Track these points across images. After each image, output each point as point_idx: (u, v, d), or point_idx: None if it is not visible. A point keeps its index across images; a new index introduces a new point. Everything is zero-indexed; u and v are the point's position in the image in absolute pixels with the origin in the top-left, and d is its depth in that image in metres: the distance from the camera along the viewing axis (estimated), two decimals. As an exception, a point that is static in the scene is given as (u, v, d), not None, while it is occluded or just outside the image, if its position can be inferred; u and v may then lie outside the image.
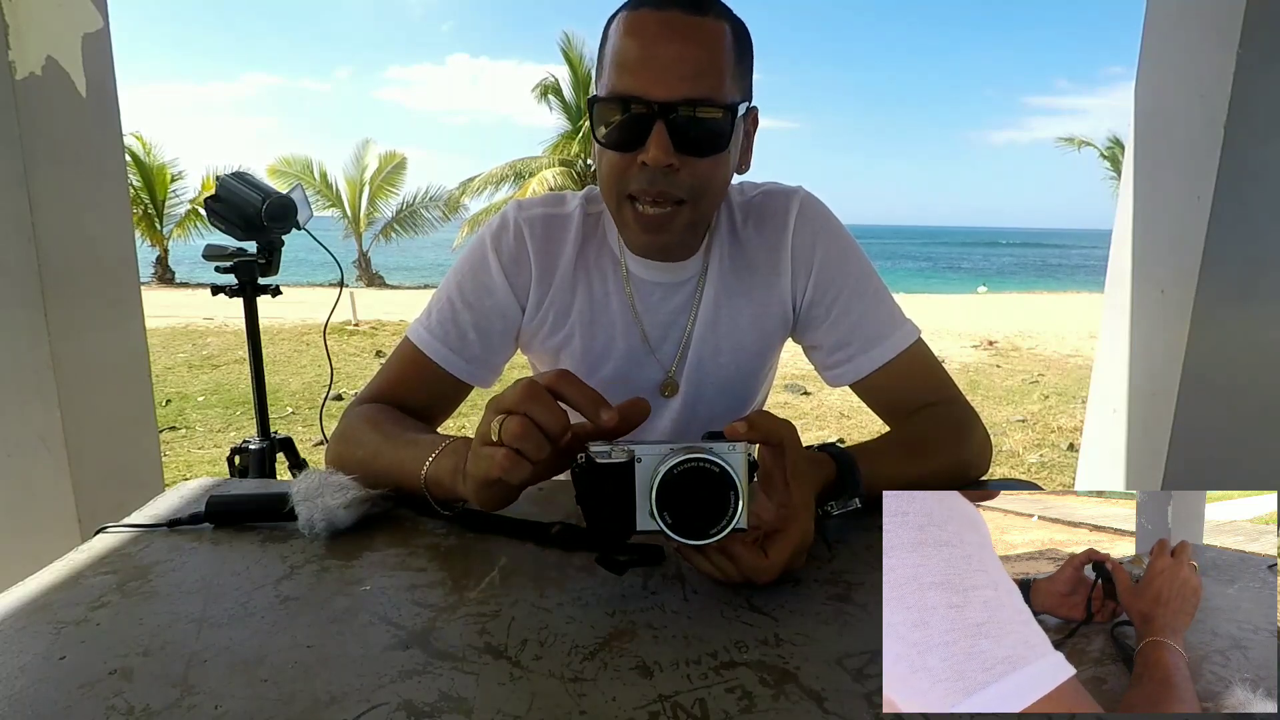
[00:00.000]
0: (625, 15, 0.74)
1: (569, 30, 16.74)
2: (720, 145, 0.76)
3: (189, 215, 17.10)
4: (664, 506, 0.51)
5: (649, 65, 0.72)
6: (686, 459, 0.51)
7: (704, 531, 0.52)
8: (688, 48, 0.72)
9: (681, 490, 0.51)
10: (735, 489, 0.51)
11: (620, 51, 0.73)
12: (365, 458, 0.73)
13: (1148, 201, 1.70)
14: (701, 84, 0.72)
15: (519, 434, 0.53)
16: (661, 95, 0.71)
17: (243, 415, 4.61)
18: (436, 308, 0.88)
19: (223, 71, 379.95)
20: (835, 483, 0.67)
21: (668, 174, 0.74)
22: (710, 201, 0.81)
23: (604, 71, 0.76)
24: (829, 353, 0.90)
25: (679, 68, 0.72)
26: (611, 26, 0.76)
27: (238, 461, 1.83)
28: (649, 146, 0.73)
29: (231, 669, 0.47)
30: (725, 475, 0.51)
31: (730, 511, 0.51)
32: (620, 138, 0.75)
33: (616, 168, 0.76)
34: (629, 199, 0.78)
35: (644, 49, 0.72)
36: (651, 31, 0.72)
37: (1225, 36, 1.43)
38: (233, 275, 1.78)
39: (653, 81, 0.72)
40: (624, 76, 0.73)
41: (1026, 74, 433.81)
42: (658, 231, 0.79)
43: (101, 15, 1.45)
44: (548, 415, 0.53)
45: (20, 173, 1.30)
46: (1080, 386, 5.60)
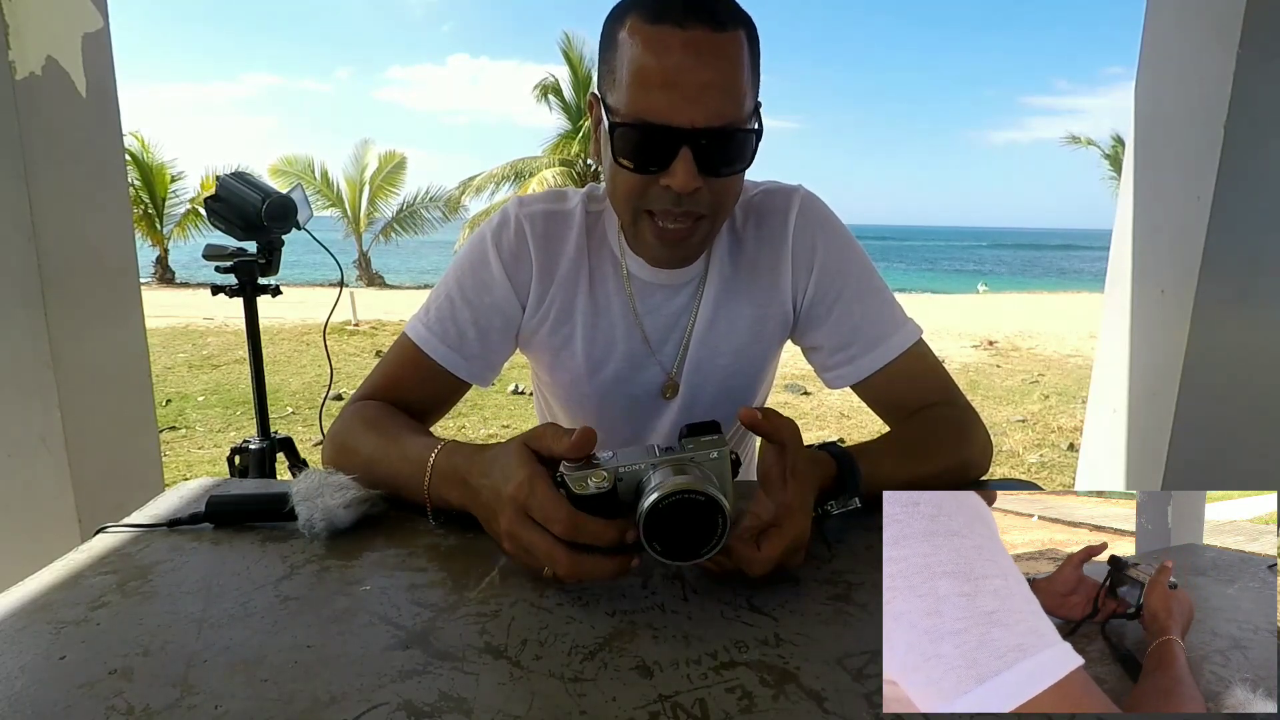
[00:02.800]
0: (644, 28, 0.69)
1: (569, 30, 16.74)
2: (743, 163, 0.75)
3: (189, 215, 17.09)
4: (653, 537, 0.52)
5: (674, 90, 0.68)
6: (674, 494, 0.50)
7: (695, 553, 0.53)
8: (713, 72, 0.69)
9: (670, 521, 0.51)
10: (723, 513, 0.51)
11: (641, 70, 0.69)
12: (360, 465, 0.73)
13: (1148, 201, 1.70)
14: (727, 108, 0.70)
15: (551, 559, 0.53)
16: (688, 122, 0.69)
17: (243, 415, 4.61)
18: (435, 304, 0.88)
19: (224, 71, 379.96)
20: (835, 482, 0.67)
21: (691, 196, 0.73)
22: (727, 212, 0.80)
23: (619, 83, 0.72)
24: (830, 354, 0.90)
25: (707, 95, 0.69)
26: (624, 31, 0.71)
27: (238, 461, 1.83)
28: (675, 172, 0.71)
29: (231, 669, 0.47)
30: (711, 502, 0.51)
31: (719, 532, 0.52)
32: (642, 160, 0.73)
33: (636, 188, 0.75)
34: (646, 214, 0.77)
35: (668, 72, 0.68)
36: (676, 53, 0.68)
37: (1225, 36, 1.43)
38: (233, 275, 1.78)
39: (679, 108, 0.69)
40: (647, 98, 0.69)
41: (1026, 74, 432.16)
42: (676, 246, 0.78)
43: (101, 15, 1.45)
44: (554, 529, 0.53)
45: (20, 173, 1.29)
46: (1080, 386, 5.60)
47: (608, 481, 0.53)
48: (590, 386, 0.91)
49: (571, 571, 0.53)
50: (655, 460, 0.54)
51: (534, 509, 0.54)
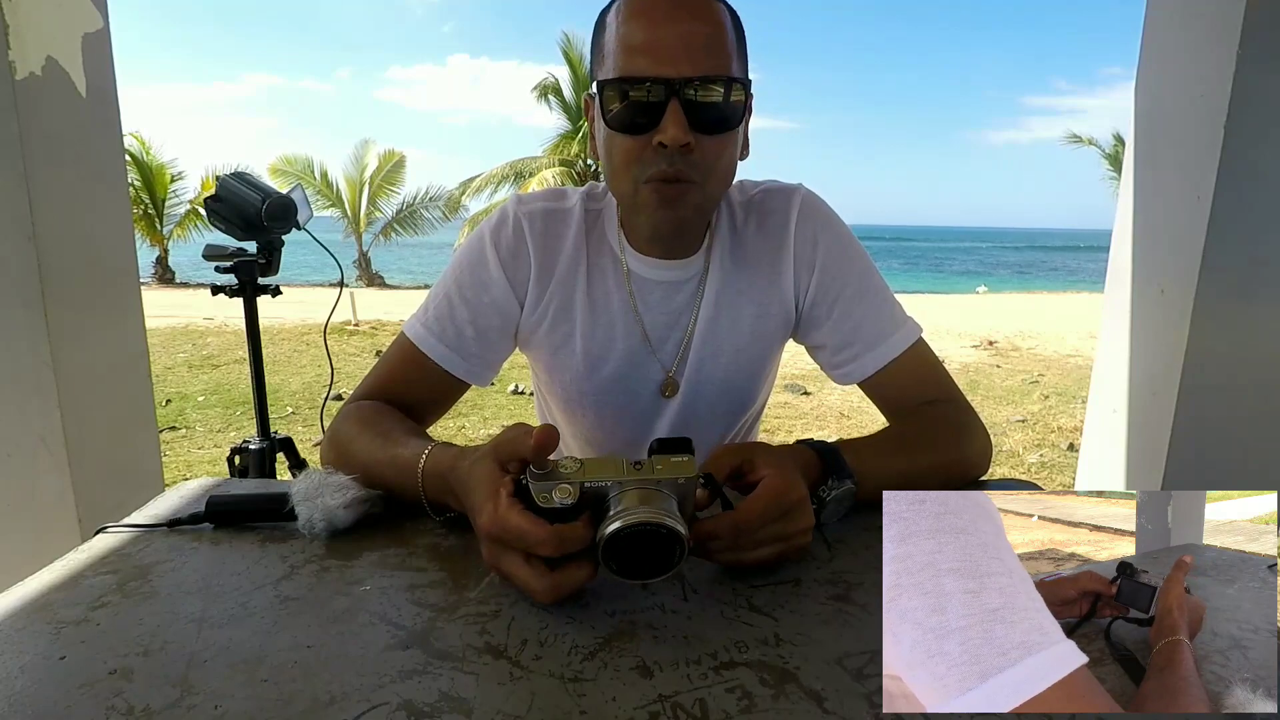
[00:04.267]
0: (626, 1, 0.74)
1: (569, 30, 16.75)
2: (733, 122, 0.76)
3: (189, 215, 17.09)
4: (610, 558, 0.52)
5: (659, 44, 0.72)
6: (636, 526, 0.51)
7: (650, 575, 0.53)
8: (696, 25, 0.72)
9: (628, 548, 0.52)
10: (681, 544, 0.52)
11: (626, 35, 0.73)
12: (357, 467, 0.72)
13: (1148, 201, 1.70)
14: (712, 60, 0.73)
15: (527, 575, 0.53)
16: (674, 73, 0.71)
17: (243, 415, 4.61)
18: (434, 303, 0.88)
19: (225, 72, 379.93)
20: (820, 470, 0.67)
21: (684, 154, 0.74)
22: (717, 183, 0.80)
23: (606, 59, 0.75)
24: (834, 352, 0.90)
25: (690, 45, 0.72)
26: (609, 16, 0.76)
27: (238, 461, 1.83)
28: (665, 126, 0.72)
29: (231, 669, 0.47)
30: (671, 535, 0.51)
31: (675, 560, 0.52)
32: (632, 120, 0.74)
33: (630, 152, 0.76)
34: (644, 184, 0.77)
35: (653, 29, 0.72)
36: (661, 11, 0.72)
37: (1225, 36, 1.43)
38: (233, 275, 1.78)
39: (665, 60, 0.71)
40: (634, 58, 0.72)
41: (1026, 74, 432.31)
42: (672, 205, 0.77)
43: (101, 15, 1.45)
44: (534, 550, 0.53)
45: (20, 173, 1.29)
46: (1080, 386, 5.60)
47: (572, 497, 0.52)
48: (589, 385, 0.91)
49: (554, 597, 0.53)
50: (622, 480, 0.53)
51: (511, 540, 0.53)
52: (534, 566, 0.53)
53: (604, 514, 0.53)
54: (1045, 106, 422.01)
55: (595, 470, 0.53)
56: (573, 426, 0.98)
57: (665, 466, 0.54)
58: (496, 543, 0.54)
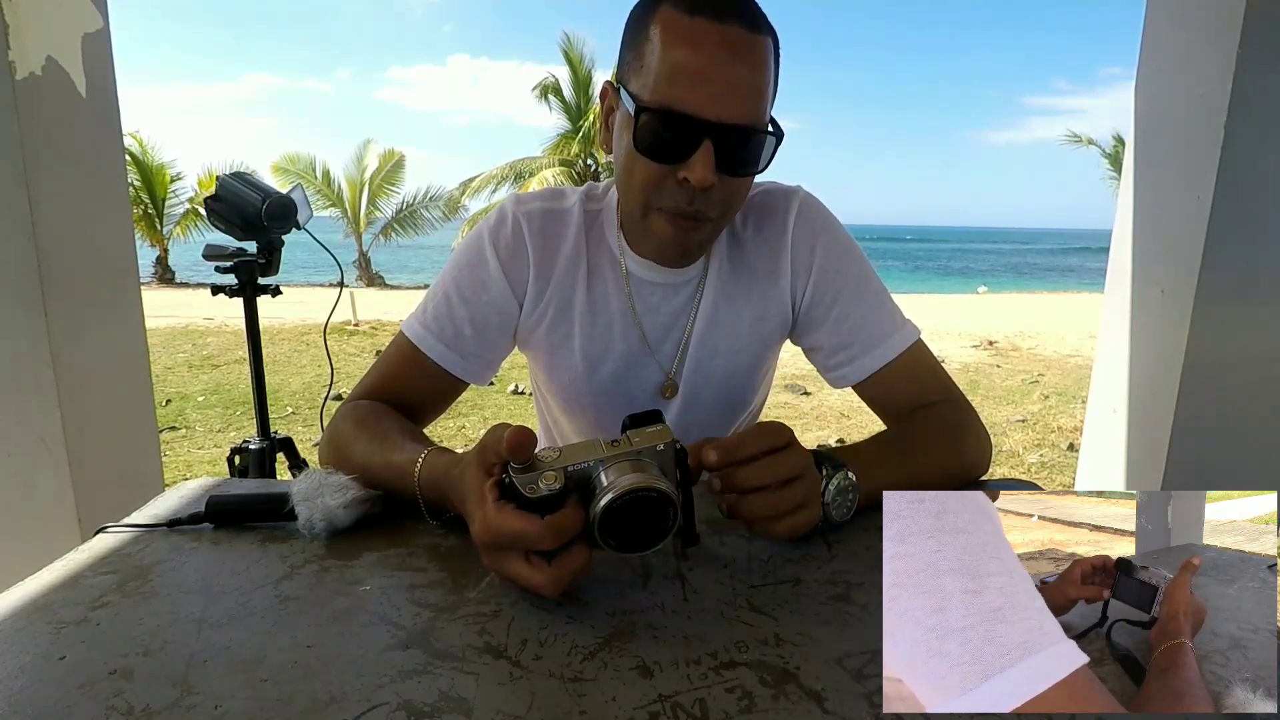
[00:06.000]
0: (680, 20, 0.70)
1: (569, 30, 16.74)
2: (757, 165, 0.76)
3: (189, 215, 17.08)
4: (607, 534, 0.52)
5: (706, 83, 0.69)
6: (627, 494, 0.51)
7: (647, 545, 0.54)
8: (745, 71, 0.70)
9: (623, 519, 0.52)
10: (674, 505, 0.52)
11: (673, 60, 0.70)
12: (355, 467, 0.72)
13: (1148, 201, 1.70)
14: (752, 109, 0.71)
15: (526, 573, 0.53)
16: (714, 116, 0.70)
17: (243, 415, 4.61)
18: (432, 303, 0.87)
19: (225, 72, 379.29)
20: (814, 462, 0.67)
21: (704, 193, 0.74)
22: (729, 215, 0.81)
23: (647, 71, 0.72)
24: (830, 354, 0.90)
25: (736, 92, 0.70)
26: (656, 21, 0.71)
27: (238, 461, 1.84)
28: (694, 165, 0.71)
29: (231, 669, 0.47)
30: (663, 498, 0.52)
31: (669, 524, 0.53)
32: (663, 150, 0.73)
33: (652, 178, 0.75)
34: (658, 210, 0.77)
35: (702, 66, 0.69)
36: (711, 47, 0.69)
37: (1225, 36, 1.43)
38: (233, 275, 1.78)
39: (709, 102, 0.70)
40: (677, 88, 0.70)
41: (1025, 74, 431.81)
42: (682, 236, 0.78)
43: (101, 15, 1.45)
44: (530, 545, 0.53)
45: (20, 173, 1.29)
46: (1080, 386, 5.60)
47: (558, 482, 0.52)
48: (588, 385, 0.91)
49: (559, 589, 0.53)
50: (604, 456, 0.53)
51: (507, 542, 0.53)
52: (533, 563, 0.53)
53: (592, 494, 0.53)
54: (1045, 106, 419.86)
55: (575, 454, 0.54)
56: (573, 426, 0.98)
57: (642, 438, 0.55)
58: (493, 547, 0.54)
